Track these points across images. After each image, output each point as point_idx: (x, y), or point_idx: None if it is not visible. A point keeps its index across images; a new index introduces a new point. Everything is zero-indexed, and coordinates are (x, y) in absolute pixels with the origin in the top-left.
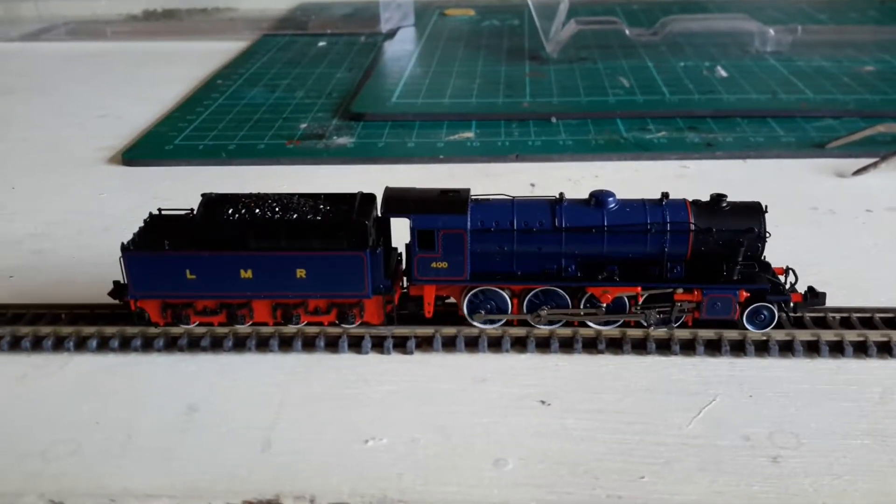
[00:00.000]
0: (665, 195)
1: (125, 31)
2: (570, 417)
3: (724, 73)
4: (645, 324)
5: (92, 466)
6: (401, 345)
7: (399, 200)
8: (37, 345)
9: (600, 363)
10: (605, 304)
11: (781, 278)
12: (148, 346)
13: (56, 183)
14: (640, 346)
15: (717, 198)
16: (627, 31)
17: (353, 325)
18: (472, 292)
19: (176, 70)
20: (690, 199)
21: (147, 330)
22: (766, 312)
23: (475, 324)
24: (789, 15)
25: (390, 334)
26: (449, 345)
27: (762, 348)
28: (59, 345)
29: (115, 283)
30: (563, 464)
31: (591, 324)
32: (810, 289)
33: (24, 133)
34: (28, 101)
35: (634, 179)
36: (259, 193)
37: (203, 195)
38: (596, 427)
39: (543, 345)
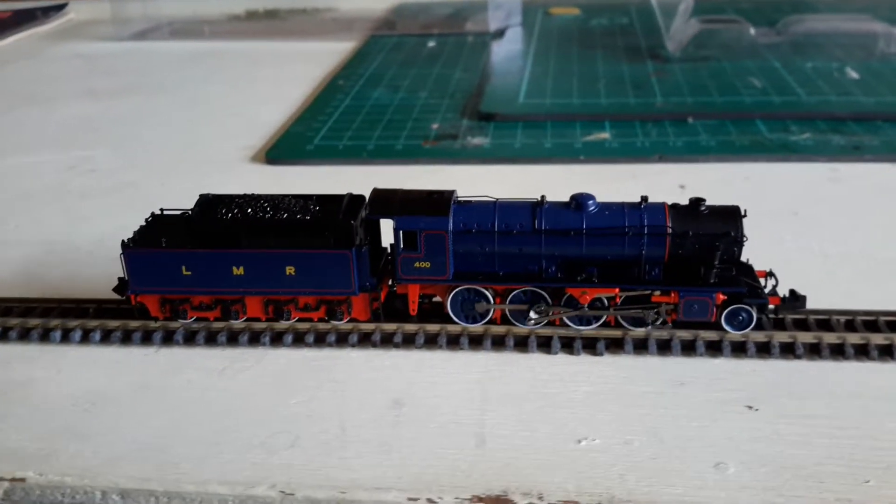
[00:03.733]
0: (644, 198)
1: (223, 31)
2: (781, 422)
3: (855, 75)
4: (647, 321)
5: (314, 458)
6: (590, 346)
7: (383, 201)
8: (232, 339)
9: (798, 367)
10: (585, 305)
11: (763, 281)
12: (342, 340)
13: (205, 181)
14: (837, 352)
15: (696, 201)
16: (753, 31)
17: (342, 322)
18: (455, 291)
19: (292, 70)
20: (670, 203)
21: (339, 326)
22: (744, 314)
23: (459, 323)
24: None
25: (579, 335)
26: (640, 347)
27: None
28: (254, 339)
29: (120, 279)
30: (786, 468)
31: (567, 321)
32: (791, 292)
33: (162, 130)
34: (155, 99)
35: (787, 183)
36: (252, 194)
37: (200, 195)
38: (809, 432)
39: (738, 349)
